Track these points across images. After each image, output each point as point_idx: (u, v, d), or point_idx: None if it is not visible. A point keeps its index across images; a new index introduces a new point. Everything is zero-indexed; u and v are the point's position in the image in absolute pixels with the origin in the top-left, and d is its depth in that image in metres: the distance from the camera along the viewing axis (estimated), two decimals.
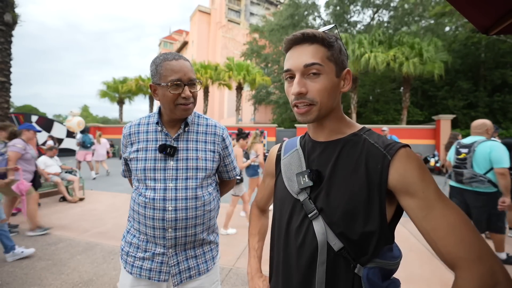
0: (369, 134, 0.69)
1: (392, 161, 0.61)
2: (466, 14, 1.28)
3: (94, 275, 2.61)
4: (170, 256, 1.07)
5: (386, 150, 0.62)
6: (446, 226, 0.55)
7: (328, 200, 0.65)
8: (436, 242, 0.56)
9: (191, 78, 1.04)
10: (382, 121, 18.54)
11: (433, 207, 0.57)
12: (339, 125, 0.72)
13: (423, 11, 18.47)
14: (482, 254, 0.53)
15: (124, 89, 20.51)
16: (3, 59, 5.81)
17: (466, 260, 0.53)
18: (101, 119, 56.82)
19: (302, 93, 0.64)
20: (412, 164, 0.60)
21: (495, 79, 17.12)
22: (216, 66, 18.85)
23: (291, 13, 21.38)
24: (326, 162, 0.69)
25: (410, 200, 0.59)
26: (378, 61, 13.37)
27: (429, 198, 0.58)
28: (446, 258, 0.56)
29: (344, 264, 0.63)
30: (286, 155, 0.80)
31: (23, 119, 13.86)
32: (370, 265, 0.62)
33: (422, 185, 0.58)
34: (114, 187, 7.07)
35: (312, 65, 0.63)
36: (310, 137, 0.77)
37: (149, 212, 1.05)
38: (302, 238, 0.67)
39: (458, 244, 0.54)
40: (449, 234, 0.55)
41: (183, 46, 46.28)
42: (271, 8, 42.54)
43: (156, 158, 1.07)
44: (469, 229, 0.55)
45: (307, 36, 0.64)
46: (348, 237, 0.62)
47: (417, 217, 0.58)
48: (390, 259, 0.65)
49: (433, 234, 0.56)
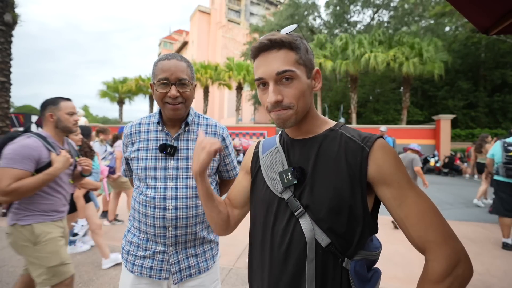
0: (344, 129, 0.71)
1: (370, 152, 0.63)
2: (466, 14, 1.28)
3: (94, 275, 2.61)
4: (171, 255, 1.07)
5: (363, 143, 0.64)
6: (417, 213, 0.60)
7: (313, 196, 0.65)
8: (408, 227, 0.61)
9: (180, 78, 1.03)
10: (382, 121, 18.54)
11: (406, 196, 0.61)
12: (315, 122, 0.73)
13: (423, 11, 18.48)
14: (447, 236, 0.58)
15: (124, 89, 20.54)
16: (3, 59, 5.81)
17: (434, 242, 0.58)
18: (101, 119, 56.82)
19: (279, 101, 0.65)
20: (389, 155, 0.63)
21: (495, 79, 17.13)
22: (216, 66, 18.87)
23: (291, 13, 21.38)
24: (307, 159, 0.69)
25: (386, 190, 0.62)
26: (378, 61, 13.39)
27: (403, 188, 0.61)
28: (417, 242, 0.60)
29: (332, 259, 0.64)
30: (265, 154, 0.79)
31: (23, 119, 13.85)
32: (357, 257, 0.65)
33: (397, 175, 0.62)
34: None
35: (284, 72, 0.64)
36: (288, 136, 0.77)
37: (150, 211, 1.05)
38: (290, 237, 0.66)
39: (427, 228, 0.59)
40: (419, 220, 0.59)
41: (183, 46, 46.29)
42: (271, 8, 42.55)
43: (156, 158, 1.08)
44: (436, 215, 0.60)
45: (275, 42, 0.64)
46: (335, 232, 0.63)
47: (392, 205, 0.62)
48: (373, 249, 0.68)
49: (406, 221, 0.61)
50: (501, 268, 2.90)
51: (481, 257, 3.17)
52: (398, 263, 2.97)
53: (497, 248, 3.45)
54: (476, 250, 3.39)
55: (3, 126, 5.97)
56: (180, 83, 1.04)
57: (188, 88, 1.06)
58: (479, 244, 3.58)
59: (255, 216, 0.77)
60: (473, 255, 3.22)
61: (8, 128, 6.16)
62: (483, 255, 3.22)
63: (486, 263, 3.02)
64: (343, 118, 17.23)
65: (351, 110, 15.40)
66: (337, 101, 20.95)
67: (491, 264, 2.98)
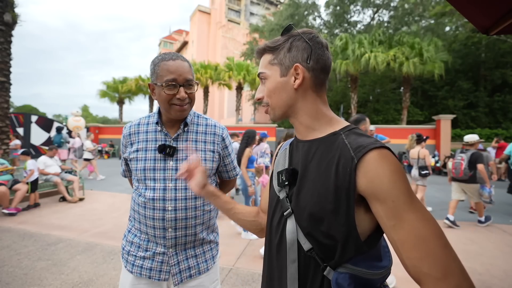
0: (348, 134, 0.65)
1: (359, 164, 0.56)
2: (466, 14, 1.28)
3: (94, 275, 2.61)
4: (171, 256, 1.07)
5: (354, 152, 0.58)
6: (413, 239, 0.52)
7: (297, 200, 0.66)
8: (402, 253, 0.54)
9: (187, 79, 1.03)
10: (382, 121, 18.53)
11: (402, 218, 0.53)
12: (314, 122, 0.70)
13: (423, 11, 18.46)
14: (448, 271, 0.49)
15: (124, 89, 20.52)
16: (3, 59, 5.81)
17: (430, 276, 0.50)
18: (101, 119, 56.84)
19: (260, 98, 0.74)
20: (383, 168, 0.55)
21: (495, 79, 17.12)
22: (216, 66, 18.85)
23: (291, 13, 21.36)
24: (303, 162, 0.69)
25: (379, 207, 0.55)
26: (378, 61, 13.37)
27: (399, 208, 0.53)
28: (411, 272, 0.53)
29: (314, 265, 0.62)
30: (279, 153, 0.84)
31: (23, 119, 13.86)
32: (341, 270, 0.59)
33: (392, 192, 0.54)
34: (114, 187, 7.08)
35: (259, 74, 0.74)
36: (296, 137, 0.79)
37: (149, 212, 1.05)
38: (280, 234, 0.69)
39: (423, 259, 0.51)
40: (415, 248, 0.52)
41: (183, 46, 46.27)
42: (271, 8, 42.53)
43: (155, 158, 1.07)
44: (438, 244, 0.51)
45: (262, 49, 0.74)
46: (316, 239, 0.61)
47: (386, 225, 0.55)
48: (370, 268, 0.59)
49: (400, 246, 0.54)
50: (501, 268, 2.90)
51: (481, 257, 3.17)
52: (398, 263, 2.94)
53: (497, 248, 3.44)
54: (476, 250, 3.38)
55: (3, 126, 5.96)
56: (187, 84, 1.04)
57: (194, 88, 1.07)
58: (479, 244, 3.57)
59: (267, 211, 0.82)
60: (473, 255, 3.23)
61: (8, 128, 6.16)
62: (483, 255, 3.22)
63: (486, 263, 3.02)
64: (343, 118, 17.20)
65: (351, 110, 15.39)
66: (337, 101, 20.92)
67: (491, 264, 2.98)
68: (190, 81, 1.04)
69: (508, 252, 3.34)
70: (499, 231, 4.06)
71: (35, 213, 4.61)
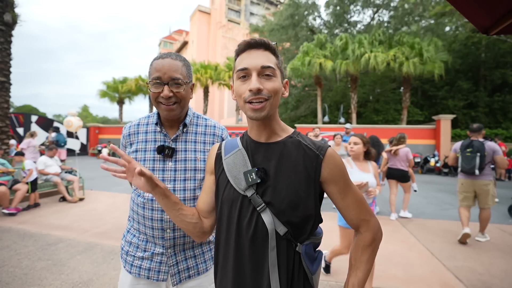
0: (301, 137, 0.85)
1: (324, 159, 0.78)
2: (466, 14, 1.28)
3: (94, 275, 2.61)
4: (169, 256, 1.06)
5: (318, 151, 0.79)
6: (355, 202, 0.81)
7: (275, 194, 0.76)
8: (348, 212, 0.81)
9: (173, 77, 1.00)
10: (382, 121, 18.53)
11: (347, 191, 0.80)
12: (277, 126, 0.84)
13: (423, 11, 18.46)
14: (371, 215, 0.83)
15: (124, 89, 20.52)
16: (3, 59, 5.81)
17: (365, 220, 0.81)
18: (101, 119, 56.77)
19: (261, 89, 0.74)
20: (337, 161, 0.80)
21: (495, 79, 17.12)
22: (216, 66, 18.86)
23: (291, 13, 21.36)
24: (269, 161, 0.80)
25: (334, 187, 0.80)
26: (378, 61, 13.36)
27: (346, 185, 0.80)
28: (354, 222, 0.81)
29: (287, 245, 0.76)
30: (229, 155, 0.86)
31: (23, 119, 13.86)
32: (306, 242, 0.79)
33: (343, 176, 0.80)
34: (114, 187, 7.08)
35: (268, 67, 0.75)
36: (252, 139, 0.85)
37: (148, 212, 1.05)
38: (253, 229, 0.76)
39: (362, 211, 0.81)
40: (357, 207, 0.81)
41: (183, 46, 46.27)
42: (271, 8, 42.53)
43: (154, 159, 1.07)
44: (364, 201, 0.83)
45: (263, 42, 0.77)
46: (292, 223, 0.76)
47: (338, 198, 0.80)
48: (318, 235, 0.84)
49: (348, 208, 0.81)
50: (501, 268, 2.90)
51: (481, 257, 3.17)
52: (398, 263, 2.97)
53: (497, 248, 3.44)
54: (476, 250, 3.38)
55: (3, 126, 5.97)
56: (173, 82, 1.01)
57: (182, 87, 1.03)
58: (479, 244, 3.57)
59: (221, 213, 0.84)
60: (473, 255, 3.23)
61: (8, 128, 6.16)
62: (483, 255, 3.22)
63: (486, 263, 3.02)
64: (343, 118, 17.21)
65: (351, 110, 15.39)
66: (337, 101, 20.93)
67: (491, 264, 2.98)
68: (176, 80, 1.01)
69: (508, 252, 3.34)
70: (499, 231, 4.06)
71: (35, 213, 4.61)
